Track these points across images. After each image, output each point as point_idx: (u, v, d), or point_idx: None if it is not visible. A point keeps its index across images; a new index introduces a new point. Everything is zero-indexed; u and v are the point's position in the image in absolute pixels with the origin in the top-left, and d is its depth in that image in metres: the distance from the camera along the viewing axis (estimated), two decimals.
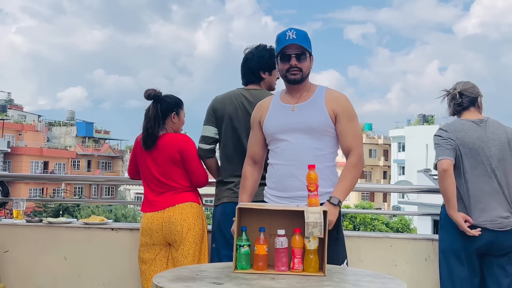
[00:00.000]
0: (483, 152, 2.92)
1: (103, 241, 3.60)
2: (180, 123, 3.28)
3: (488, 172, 2.91)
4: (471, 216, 2.88)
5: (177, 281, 1.96)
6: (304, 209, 2.13)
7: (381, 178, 57.00)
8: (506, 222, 2.89)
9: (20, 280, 3.64)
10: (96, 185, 50.07)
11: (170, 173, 3.15)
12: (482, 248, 2.91)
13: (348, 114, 2.57)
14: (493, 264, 2.95)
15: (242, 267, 2.15)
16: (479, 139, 2.94)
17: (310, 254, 2.14)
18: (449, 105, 3.16)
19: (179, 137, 3.21)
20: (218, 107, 3.16)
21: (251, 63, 3.16)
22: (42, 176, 21.57)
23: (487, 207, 2.88)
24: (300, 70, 2.56)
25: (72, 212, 28.32)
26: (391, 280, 2.09)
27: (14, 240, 3.66)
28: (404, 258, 3.32)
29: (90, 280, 3.58)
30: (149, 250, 3.18)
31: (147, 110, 3.20)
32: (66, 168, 50.25)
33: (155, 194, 3.17)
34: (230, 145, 3.11)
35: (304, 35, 2.58)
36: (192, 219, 3.10)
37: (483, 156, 2.92)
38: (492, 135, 2.96)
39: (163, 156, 3.14)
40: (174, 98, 3.28)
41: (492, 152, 2.93)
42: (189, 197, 3.15)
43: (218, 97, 3.24)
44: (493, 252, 2.93)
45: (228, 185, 3.10)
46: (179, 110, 3.26)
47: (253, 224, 2.21)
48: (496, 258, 2.94)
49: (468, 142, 2.94)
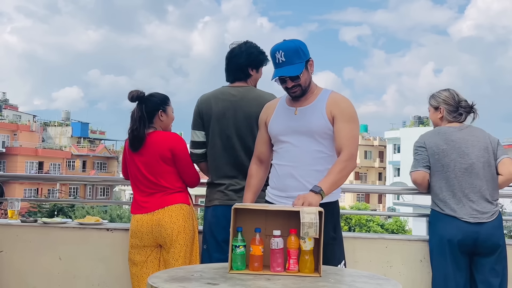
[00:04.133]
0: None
1: (98, 241, 3.59)
2: (169, 120, 3.24)
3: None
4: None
5: (172, 281, 1.96)
6: (299, 210, 2.13)
7: (377, 180, 57.09)
8: (484, 216, 2.98)
9: (14, 281, 3.62)
10: (91, 185, 49.94)
11: (160, 172, 3.11)
12: (466, 243, 2.97)
13: (346, 116, 2.58)
14: (482, 264, 3.00)
15: (238, 267, 2.15)
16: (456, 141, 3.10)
17: (306, 255, 2.14)
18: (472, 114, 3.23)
19: (170, 135, 3.17)
20: (203, 108, 3.12)
21: (239, 59, 3.09)
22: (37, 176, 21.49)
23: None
24: (298, 85, 2.60)
25: (66, 212, 28.21)
26: (386, 281, 2.10)
27: (8, 240, 3.65)
28: (399, 259, 3.33)
29: (85, 280, 3.56)
30: (139, 252, 3.14)
31: (132, 112, 3.16)
32: (61, 168, 50.10)
33: (144, 195, 3.14)
34: (218, 145, 3.07)
35: (294, 50, 2.55)
36: (182, 221, 3.07)
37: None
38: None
39: (153, 154, 3.10)
40: (159, 95, 3.23)
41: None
42: (179, 199, 3.11)
43: (203, 97, 3.17)
44: (479, 250, 2.98)
45: (219, 187, 3.07)
46: (165, 107, 3.21)
47: (248, 225, 2.21)
48: (485, 258, 2.99)
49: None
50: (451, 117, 3.18)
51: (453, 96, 3.19)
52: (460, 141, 3.08)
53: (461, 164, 3.03)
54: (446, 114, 3.18)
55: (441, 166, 3.06)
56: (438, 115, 3.23)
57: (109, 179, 12.00)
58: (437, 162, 3.08)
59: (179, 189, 3.15)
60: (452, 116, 3.18)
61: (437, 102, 3.22)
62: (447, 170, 3.05)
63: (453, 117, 3.18)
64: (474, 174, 3.02)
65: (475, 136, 3.10)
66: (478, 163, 3.03)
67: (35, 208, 28.58)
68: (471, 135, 3.10)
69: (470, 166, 3.03)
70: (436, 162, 3.08)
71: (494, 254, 2.98)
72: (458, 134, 3.11)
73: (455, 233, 2.97)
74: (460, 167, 3.03)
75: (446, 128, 3.16)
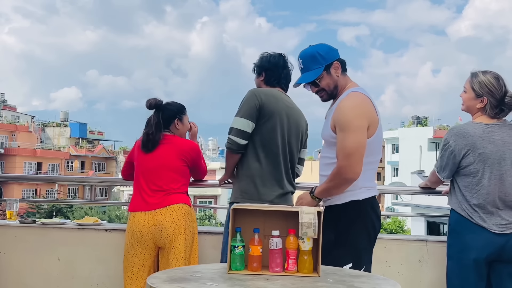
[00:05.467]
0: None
1: (97, 242, 3.59)
2: (184, 128, 3.34)
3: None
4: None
5: (171, 282, 1.96)
6: (298, 210, 2.13)
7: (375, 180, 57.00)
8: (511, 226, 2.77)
9: (13, 281, 3.62)
10: (89, 186, 49.85)
11: (167, 173, 3.16)
12: (492, 255, 2.79)
13: (339, 125, 2.52)
14: (502, 272, 2.83)
15: (237, 268, 2.15)
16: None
17: (305, 255, 2.14)
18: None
19: (186, 140, 3.30)
20: (266, 101, 3.01)
21: (290, 70, 3.24)
22: (35, 177, 21.51)
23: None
24: (322, 90, 2.64)
25: (65, 213, 28.19)
26: (385, 281, 2.10)
27: (7, 241, 3.65)
28: (398, 259, 3.33)
29: (84, 281, 3.56)
30: (137, 255, 3.14)
31: (149, 119, 3.25)
32: (59, 169, 50.04)
33: (146, 195, 3.16)
34: (276, 145, 3.03)
35: (311, 55, 2.62)
36: (183, 221, 3.10)
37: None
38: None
39: (168, 153, 3.18)
40: (175, 104, 3.34)
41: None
42: (180, 199, 3.14)
43: (260, 90, 3.11)
44: (503, 258, 2.80)
45: (267, 196, 3.00)
46: (181, 116, 3.32)
47: (247, 225, 2.21)
48: (506, 266, 2.82)
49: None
50: (493, 113, 2.83)
51: (502, 87, 2.82)
52: (499, 143, 2.78)
53: (497, 171, 2.77)
54: (489, 108, 2.82)
55: (475, 171, 2.79)
56: (477, 104, 2.85)
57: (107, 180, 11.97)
58: (470, 166, 2.80)
59: (181, 190, 3.19)
60: (494, 112, 2.82)
61: (482, 90, 2.83)
62: (482, 176, 2.78)
63: (495, 113, 2.83)
64: (507, 182, 2.78)
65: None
66: (511, 169, 2.78)
67: (33, 209, 28.57)
68: (510, 136, 2.81)
69: (505, 173, 2.77)
70: (469, 166, 2.81)
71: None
72: (498, 135, 2.80)
73: (483, 245, 2.76)
74: (496, 174, 2.77)
75: (485, 127, 2.81)
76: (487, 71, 2.88)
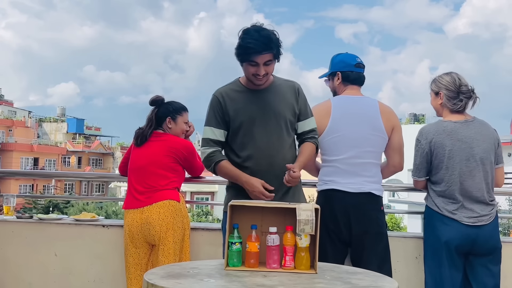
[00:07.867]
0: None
1: (94, 238, 3.59)
2: (177, 129, 3.30)
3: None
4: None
5: (168, 278, 1.96)
6: (295, 206, 2.13)
7: None
8: (484, 219, 2.90)
9: (10, 277, 3.62)
10: (86, 181, 49.87)
11: (153, 173, 3.16)
12: (464, 246, 2.90)
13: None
14: (476, 264, 2.94)
15: (234, 264, 2.15)
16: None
17: (302, 251, 2.15)
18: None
19: (177, 141, 3.25)
20: None
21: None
22: (32, 172, 21.45)
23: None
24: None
25: (62, 209, 28.18)
26: (381, 277, 2.11)
27: (4, 236, 3.64)
28: (394, 256, 3.33)
29: (81, 277, 3.56)
30: (132, 254, 3.18)
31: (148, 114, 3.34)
32: (56, 164, 49.97)
33: (136, 192, 3.18)
34: None
35: (331, 60, 3.18)
36: (170, 218, 3.08)
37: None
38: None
39: (152, 155, 3.18)
40: (174, 104, 3.34)
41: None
42: (167, 195, 3.12)
43: None
44: (476, 251, 2.92)
45: None
46: (175, 116, 3.29)
47: (245, 222, 2.21)
48: (480, 258, 2.93)
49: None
50: (451, 104, 3.00)
51: (454, 81, 3.00)
52: (467, 140, 2.92)
53: (467, 167, 2.90)
54: (446, 100, 3.01)
55: (445, 168, 2.93)
56: (438, 101, 3.07)
57: (104, 176, 11.99)
58: (440, 163, 2.95)
59: (169, 186, 3.17)
60: (452, 103, 2.99)
61: (438, 87, 3.06)
62: (452, 173, 2.91)
63: (453, 104, 2.99)
64: (477, 178, 2.90)
65: (481, 135, 2.95)
66: (482, 166, 2.91)
67: (30, 205, 28.55)
68: (478, 133, 2.95)
69: (475, 168, 2.90)
70: (440, 163, 2.95)
71: (490, 255, 2.93)
72: (466, 132, 2.94)
73: (454, 236, 2.89)
74: (465, 171, 2.90)
75: (453, 124, 2.97)
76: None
